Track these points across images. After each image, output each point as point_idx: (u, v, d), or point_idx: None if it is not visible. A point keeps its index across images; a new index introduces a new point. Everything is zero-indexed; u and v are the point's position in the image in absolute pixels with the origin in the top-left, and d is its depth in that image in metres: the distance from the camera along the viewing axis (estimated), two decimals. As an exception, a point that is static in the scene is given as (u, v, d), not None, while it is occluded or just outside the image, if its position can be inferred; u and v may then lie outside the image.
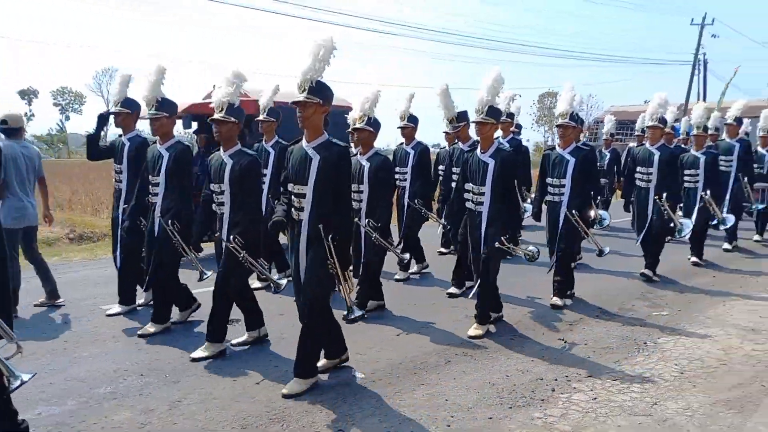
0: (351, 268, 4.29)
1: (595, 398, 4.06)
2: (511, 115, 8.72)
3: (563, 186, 6.15)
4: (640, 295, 6.78)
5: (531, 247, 5.63)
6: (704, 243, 8.66)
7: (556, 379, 4.38)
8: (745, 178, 9.30)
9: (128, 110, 5.81)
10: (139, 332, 5.31)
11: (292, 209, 4.15)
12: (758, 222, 10.70)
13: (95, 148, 6.05)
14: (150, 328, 5.33)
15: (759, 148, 10.69)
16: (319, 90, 4.01)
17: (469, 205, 5.45)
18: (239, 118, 4.74)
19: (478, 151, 5.40)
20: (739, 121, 9.73)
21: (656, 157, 7.35)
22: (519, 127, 9.61)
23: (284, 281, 5.08)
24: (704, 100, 32.50)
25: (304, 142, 4.12)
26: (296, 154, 4.13)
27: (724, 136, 9.85)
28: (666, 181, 7.35)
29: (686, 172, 8.31)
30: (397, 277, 7.42)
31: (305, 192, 4.05)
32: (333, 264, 4.00)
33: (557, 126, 6.36)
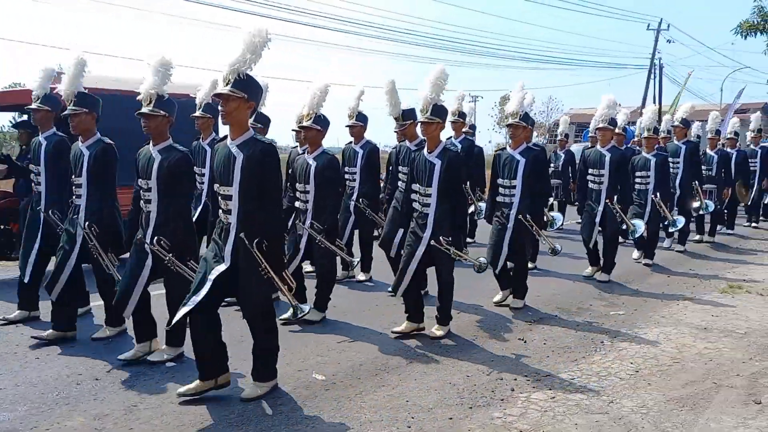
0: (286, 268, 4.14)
1: (553, 397, 4.11)
2: (462, 115, 8.62)
3: (514, 187, 6.11)
4: (597, 296, 6.91)
5: (482, 259, 5.53)
6: (656, 245, 8.78)
7: (515, 379, 4.42)
8: (696, 181, 9.40)
9: (48, 108, 5.41)
10: (93, 335, 5.18)
11: (220, 212, 3.95)
12: (699, 223, 10.77)
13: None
14: (105, 331, 5.20)
15: (708, 150, 10.94)
16: (246, 84, 3.79)
17: (415, 206, 5.33)
18: (169, 111, 4.48)
19: (425, 151, 5.30)
20: (686, 123, 9.85)
21: (607, 159, 7.38)
22: (473, 127, 9.51)
23: None
24: (660, 103, 33.36)
25: (228, 140, 3.90)
26: (221, 152, 3.92)
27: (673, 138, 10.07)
28: (617, 183, 7.41)
29: (637, 174, 8.38)
30: (359, 278, 7.37)
31: (231, 193, 3.83)
32: (265, 269, 3.80)
33: (507, 126, 6.29)
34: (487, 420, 3.77)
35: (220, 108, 3.85)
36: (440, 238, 5.11)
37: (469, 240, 9.67)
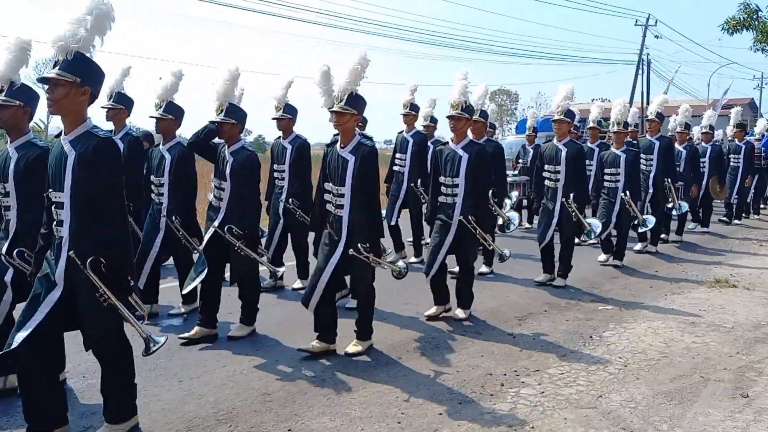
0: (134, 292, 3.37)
1: (542, 392, 4.12)
2: (415, 107, 8.09)
3: (456, 186, 5.54)
4: (586, 291, 6.93)
5: (400, 263, 5.15)
6: (625, 245, 8.23)
7: (505, 374, 4.43)
8: (668, 179, 8.96)
9: None
10: None
11: (53, 223, 3.23)
12: (667, 223, 10.09)
13: None
14: None
15: (676, 145, 10.25)
16: (78, 65, 3.11)
17: (329, 207, 4.75)
18: (27, 102, 3.88)
19: (338, 145, 4.73)
20: (660, 116, 9.31)
21: (563, 154, 6.83)
22: (434, 120, 8.71)
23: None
24: (648, 98, 33.57)
25: (62, 135, 3.26)
26: (54, 151, 3.28)
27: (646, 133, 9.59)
28: (574, 180, 6.85)
29: (606, 170, 7.97)
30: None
31: (63, 200, 3.15)
32: (104, 294, 3.10)
33: (447, 117, 5.66)
34: (476, 415, 3.77)
35: (47, 96, 3.18)
36: (359, 245, 4.57)
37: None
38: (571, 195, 6.78)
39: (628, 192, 7.80)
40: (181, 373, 4.39)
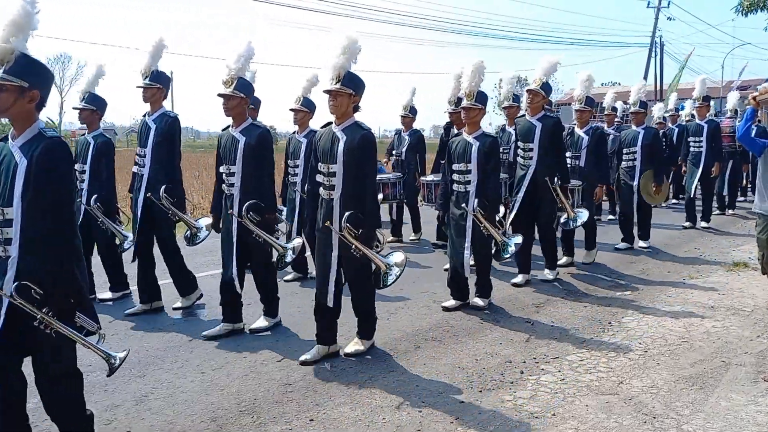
0: None
1: (563, 379, 4.12)
2: (413, 110, 8.70)
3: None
4: (604, 277, 6.90)
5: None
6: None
7: (524, 361, 4.43)
8: (555, 178, 6.26)
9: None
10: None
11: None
12: (588, 234, 7.48)
13: None
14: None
15: (576, 129, 7.51)
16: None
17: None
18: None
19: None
20: (546, 87, 6.46)
21: (340, 146, 4.35)
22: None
23: None
24: (661, 81, 33.24)
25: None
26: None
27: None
28: (350, 184, 4.53)
29: (454, 167, 5.57)
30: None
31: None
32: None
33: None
34: (497, 403, 3.77)
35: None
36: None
37: None
38: (346, 214, 4.30)
39: (476, 200, 5.43)
40: (203, 364, 4.42)
